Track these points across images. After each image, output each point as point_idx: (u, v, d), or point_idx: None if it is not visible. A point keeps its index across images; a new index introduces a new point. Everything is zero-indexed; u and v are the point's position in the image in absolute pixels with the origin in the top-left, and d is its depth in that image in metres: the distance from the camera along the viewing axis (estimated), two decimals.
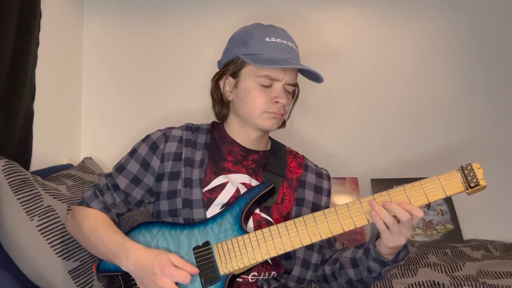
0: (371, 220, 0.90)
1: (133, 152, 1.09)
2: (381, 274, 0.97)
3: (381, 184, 1.96)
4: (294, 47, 1.04)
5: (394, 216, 0.87)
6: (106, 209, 1.08)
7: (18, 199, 1.16)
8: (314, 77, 1.05)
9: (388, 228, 0.88)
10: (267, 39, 1.02)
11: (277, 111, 1.03)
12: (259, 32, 1.03)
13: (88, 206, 1.08)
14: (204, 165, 1.05)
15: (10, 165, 1.20)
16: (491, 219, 1.98)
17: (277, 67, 0.98)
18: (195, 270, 0.89)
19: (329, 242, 1.11)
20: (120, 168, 1.08)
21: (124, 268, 0.93)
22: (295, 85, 1.08)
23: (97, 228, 1.01)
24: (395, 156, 2.03)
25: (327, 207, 1.12)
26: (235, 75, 1.05)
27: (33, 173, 1.36)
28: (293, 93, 1.11)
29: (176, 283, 0.89)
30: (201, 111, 1.98)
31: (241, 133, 1.09)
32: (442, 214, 1.93)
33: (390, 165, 2.02)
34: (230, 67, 1.05)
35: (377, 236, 0.95)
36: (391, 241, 0.88)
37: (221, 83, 1.08)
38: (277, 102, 1.02)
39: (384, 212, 0.87)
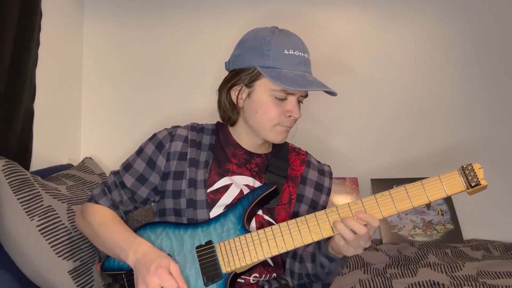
0: None
1: (139, 151, 1.10)
2: (331, 269, 1.00)
3: (381, 184, 1.97)
4: (308, 57, 1.03)
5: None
6: (114, 206, 1.10)
7: (18, 199, 1.16)
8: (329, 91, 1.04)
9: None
10: (286, 51, 0.99)
11: (289, 125, 1.03)
12: (277, 42, 0.99)
13: (96, 203, 1.10)
14: (208, 166, 1.06)
15: (10, 165, 1.20)
16: (491, 219, 1.99)
17: (299, 89, 0.96)
18: (185, 287, 0.89)
19: None
20: (127, 166, 1.10)
21: (130, 262, 0.94)
22: (307, 95, 1.07)
23: (107, 225, 1.03)
24: (395, 156, 2.03)
25: (324, 206, 1.13)
26: (249, 85, 1.02)
27: (33, 173, 1.36)
28: None
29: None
30: (201, 111, 1.98)
31: (247, 138, 1.09)
32: (442, 214, 1.94)
33: (390, 165, 2.02)
34: (244, 76, 1.02)
35: None
36: (349, 252, 0.92)
37: (233, 91, 1.05)
38: (290, 116, 1.01)
39: (344, 229, 0.89)
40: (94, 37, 2.02)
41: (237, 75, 1.03)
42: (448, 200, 1.97)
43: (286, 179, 1.08)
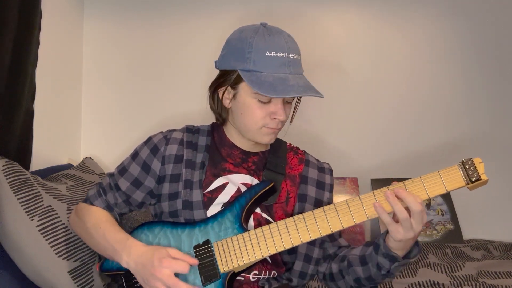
0: (371, 217, 0.89)
1: (135, 155, 1.09)
2: (390, 270, 0.94)
3: (381, 184, 1.96)
4: (295, 56, 0.98)
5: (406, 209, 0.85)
6: (108, 208, 1.10)
7: (18, 199, 1.16)
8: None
9: (397, 221, 0.86)
10: (267, 53, 0.95)
11: (275, 127, 1.01)
12: (259, 44, 0.96)
13: (91, 204, 1.10)
14: (204, 167, 1.06)
15: (10, 165, 1.20)
16: (491, 219, 1.98)
17: (274, 96, 0.93)
18: (195, 261, 0.90)
19: (331, 237, 1.10)
20: (122, 170, 1.09)
21: (125, 265, 0.94)
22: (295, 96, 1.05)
23: (100, 226, 1.02)
24: (395, 156, 2.03)
25: (329, 202, 1.11)
26: (233, 86, 1.02)
27: (33, 173, 1.36)
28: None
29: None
30: (201, 112, 1.98)
31: (239, 138, 1.08)
32: (442, 214, 1.93)
33: (390, 165, 2.02)
34: (229, 77, 1.01)
35: (386, 231, 0.92)
36: (398, 234, 0.86)
37: (220, 91, 1.05)
38: (275, 118, 1.00)
39: (399, 206, 0.85)
40: (94, 37, 2.02)
41: (223, 76, 1.03)
42: (448, 200, 1.97)
43: (284, 177, 1.08)
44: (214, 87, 1.06)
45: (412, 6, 2.03)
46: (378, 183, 1.97)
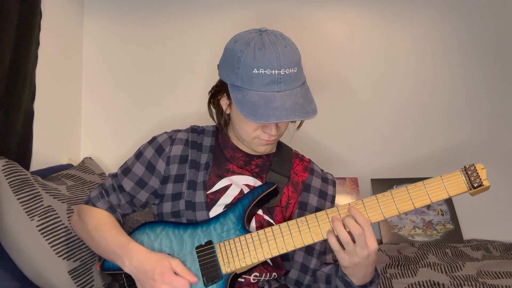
0: (373, 221, 0.90)
1: (139, 155, 1.08)
2: None
3: (381, 184, 1.97)
4: (287, 71, 0.92)
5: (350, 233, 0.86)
6: (111, 209, 1.09)
7: (18, 199, 1.16)
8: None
9: (343, 247, 0.87)
10: (255, 70, 0.90)
11: (267, 139, 0.99)
12: (247, 60, 0.92)
13: (94, 205, 1.09)
14: (208, 168, 1.05)
15: (10, 165, 1.20)
16: (491, 219, 1.99)
17: (253, 121, 0.90)
18: (195, 279, 0.89)
19: (322, 251, 1.09)
20: (126, 170, 1.08)
21: (126, 270, 0.93)
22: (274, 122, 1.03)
23: (101, 228, 1.01)
24: (395, 156, 2.03)
25: None
26: (228, 96, 1.00)
27: (33, 173, 1.36)
28: None
29: None
30: (202, 112, 1.98)
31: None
32: (442, 214, 1.94)
33: (390, 165, 2.02)
34: (224, 87, 1.00)
35: None
36: (343, 261, 0.88)
37: (219, 97, 1.05)
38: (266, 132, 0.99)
39: (341, 229, 0.87)
40: (94, 37, 2.02)
41: (220, 86, 1.03)
42: (448, 200, 1.97)
43: (288, 179, 1.08)
44: (212, 93, 1.06)
45: (413, 6, 2.03)
46: (378, 183, 1.98)
